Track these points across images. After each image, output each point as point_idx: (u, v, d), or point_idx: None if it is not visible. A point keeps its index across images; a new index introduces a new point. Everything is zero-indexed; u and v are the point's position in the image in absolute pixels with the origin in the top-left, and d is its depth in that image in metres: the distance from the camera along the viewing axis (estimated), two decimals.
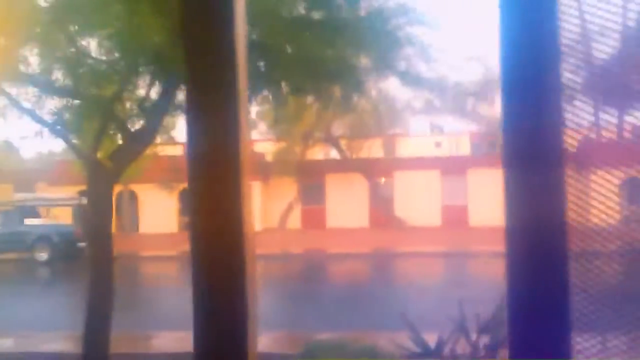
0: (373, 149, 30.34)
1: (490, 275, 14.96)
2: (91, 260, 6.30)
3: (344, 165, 29.61)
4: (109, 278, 6.18)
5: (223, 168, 1.45)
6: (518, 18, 1.27)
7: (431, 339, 5.53)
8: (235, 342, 1.45)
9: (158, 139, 8.34)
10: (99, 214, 6.21)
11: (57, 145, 36.34)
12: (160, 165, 22.71)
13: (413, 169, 29.77)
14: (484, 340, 5.17)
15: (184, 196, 30.25)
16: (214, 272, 1.46)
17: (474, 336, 5.28)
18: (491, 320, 5.11)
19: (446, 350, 5.29)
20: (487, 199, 26.53)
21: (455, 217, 28.89)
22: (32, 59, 6.08)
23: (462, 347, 5.30)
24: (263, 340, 7.90)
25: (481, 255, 17.31)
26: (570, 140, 1.43)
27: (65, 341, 9.01)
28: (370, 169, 29.64)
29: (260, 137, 29.63)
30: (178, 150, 27.32)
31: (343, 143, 30.02)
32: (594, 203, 1.57)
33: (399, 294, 13.08)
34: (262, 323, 1.94)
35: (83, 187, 21.66)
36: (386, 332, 6.94)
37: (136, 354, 7.80)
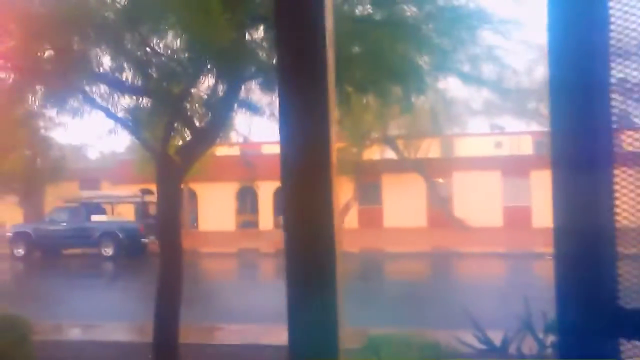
0: (431, 149, 30.00)
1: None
2: (161, 252, 6.44)
3: (401, 165, 29.40)
4: (178, 270, 6.30)
5: (314, 166, 1.47)
6: (566, 16, 1.24)
7: (495, 337, 5.46)
8: (327, 335, 1.46)
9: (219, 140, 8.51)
10: (169, 208, 6.38)
11: (119, 146, 37.54)
12: (219, 164, 23.20)
13: (472, 170, 29.30)
14: (551, 338, 5.07)
15: (241, 195, 30.78)
16: (307, 267, 1.48)
17: (540, 334, 5.18)
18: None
19: (512, 348, 5.22)
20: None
21: (518, 218, 28.27)
22: (104, 59, 6.32)
23: (528, 346, 5.22)
24: None
25: (544, 256, 16.86)
26: (631, 140, 1.36)
27: (133, 331, 9.36)
28: (427, 169, 29.34)
29: None
30: (235, 151, 27.81)
31: (400, 143, 29.79)
32: None
33: (459, 292, 12.92)
34: None
35: (144, 186, 22.17)
36: (448, 329, 6.87)
37: (203, 344, 8.01)
